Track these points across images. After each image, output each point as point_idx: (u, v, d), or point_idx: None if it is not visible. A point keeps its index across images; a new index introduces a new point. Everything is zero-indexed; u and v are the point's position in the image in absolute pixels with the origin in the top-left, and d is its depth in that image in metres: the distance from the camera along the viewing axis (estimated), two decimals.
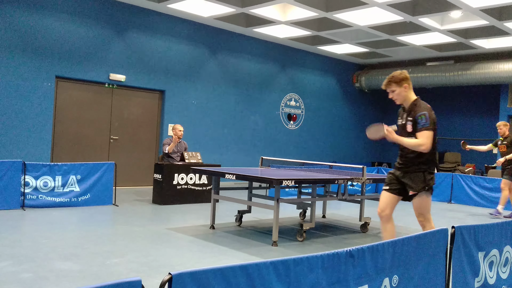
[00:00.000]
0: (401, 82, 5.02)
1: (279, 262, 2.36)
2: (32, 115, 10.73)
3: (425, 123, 4.86)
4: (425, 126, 4.85)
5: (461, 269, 3.58)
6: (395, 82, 5.03)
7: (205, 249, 6.02)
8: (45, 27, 10.85)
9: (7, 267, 4.75)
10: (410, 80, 5.09)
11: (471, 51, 15.59)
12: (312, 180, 6.90)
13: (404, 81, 5.03)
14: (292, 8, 12.33)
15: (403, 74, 5.05)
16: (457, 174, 12.95)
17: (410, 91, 5.10)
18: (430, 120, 4.87)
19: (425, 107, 4.98)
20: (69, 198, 8.74)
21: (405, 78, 5.04)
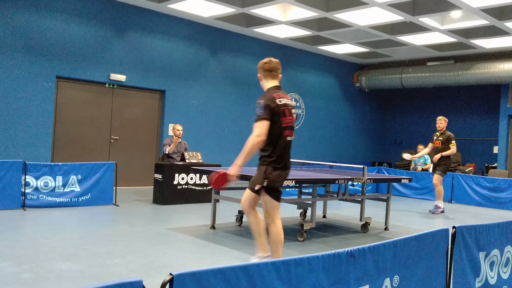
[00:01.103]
0: (258, 70, 5.03)
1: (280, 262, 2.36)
2: (32, 115, 10.73)
3: (258, 112, 4.68)
4: (258, 115, 4.67)
5: (462, 269, 3.58)
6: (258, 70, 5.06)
7: (206, 249, 6.02)
8: (45, 27, 10.85)
9: (8, 268, 4.75)
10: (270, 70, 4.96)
11: (472, 51, 15.58)
12: (313, 180, 6.90)
13: (259, 70, 5.01)
14: (292, 8, 12.32)
15: (260, 63, 4.99)
16: (458, 174, 12.95)
17: (265, 81, 5.00)
18: (265, 109, 4.65)
19: (266, 95, 4.82)
20: (69, 198, 8.74)
21: (259, 67, 4.99)
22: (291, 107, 4.90)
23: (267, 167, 4.77)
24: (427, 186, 13.08)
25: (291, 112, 4.86)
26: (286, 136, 4.79)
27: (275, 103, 4.71)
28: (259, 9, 11.97)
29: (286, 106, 4.81)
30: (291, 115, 4.86)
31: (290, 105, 4.91)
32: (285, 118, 4.77)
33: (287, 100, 4.90)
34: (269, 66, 4.93)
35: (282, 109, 4.76)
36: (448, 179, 12.75)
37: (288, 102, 4.89)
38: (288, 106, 4.84)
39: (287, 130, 4.80)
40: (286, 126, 4.78)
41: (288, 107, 4.84)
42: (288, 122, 4.80)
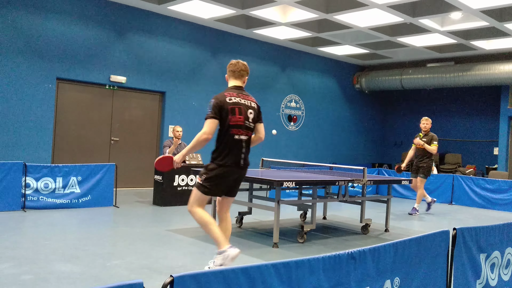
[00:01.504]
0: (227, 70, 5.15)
1: (281, 264, 2.36)
2: (33, 116, 10.73)
3: (207, 111, 4.82)
4: (207, 113, 4.82)
5: (463, 271, 3.57)
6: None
7: (206, 251, 6.02)
8: (46, 29, 10.86)
9: (8, 269, 4.75)
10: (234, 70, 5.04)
11: (472, 52, 15.59)
12: (313, 182, 6.90)
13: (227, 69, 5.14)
14: (292, 10, 12.33)
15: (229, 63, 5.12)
16: (458, 175, 12.94)
17: (228, 81, 5.13)
18: (213, 108, 4.76)
19: (218, 94, 4.90)
20: (69, 200, 8.74)
21: (227, 67, 5.13)
22: (244, 106, 4.86)
23: (210, 163, 4.91)
24: (427, 187, 13.04)
25: (242, 111, 4.82)
26: (234, 135, 4.79)
27: (224, 101, 4.78)
28: (259, 10, 11.98)
29: (237, 105, 4.81)
30: (242, 114, 4.82)
31: (244, 104, 4.87)
32: (233, 117, 4.77)
33: (243, 99, 4.90)
34: (233, 67, 5.02)
35: (231, 107, 4.78)
36: (448, 181, 12.75)
37: (241, 101, 4.87)
38: (239, 105, 4.83)
39: (235, 128, 4.79)
40: (234, 124, 4.78)
41: (240, 106, 4.83)
42: (237, 121, 4.79)
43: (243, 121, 4.83)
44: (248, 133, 4.91)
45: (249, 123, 4.89)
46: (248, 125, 4.89)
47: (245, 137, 4.88)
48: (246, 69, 5.08)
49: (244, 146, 4.88)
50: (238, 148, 4.85)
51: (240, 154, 4.86)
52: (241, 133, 4.83)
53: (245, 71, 5.06)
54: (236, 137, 4.81)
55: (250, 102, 4.93)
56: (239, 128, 4.82)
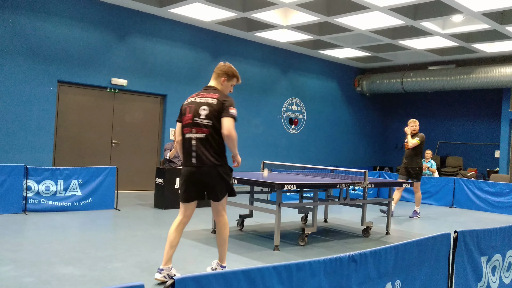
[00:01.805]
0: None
1: (282, 266, 2.36)
2: (34, 119, 10.75)
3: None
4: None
5: (464, 274, 3.57)
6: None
7: (207, 254, 6.02)
8: (47, 31, 10.88)
9: (9, 272, 4.75)
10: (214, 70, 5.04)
11: (473, 55, 15.60)
12: (314, 185, 6.90)
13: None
14: (293, 13, 12.35)
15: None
16: (459, 178, 12.93)
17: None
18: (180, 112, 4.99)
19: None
20: (71, 202, 8.75)
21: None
22: (197, 104, 4.76)
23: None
24: (428, 190, 13.07)
25: (192, 109, 4.76)
26: (185, 134, 4.79)
27: (183, 104, 4.93)
28: (260, 13, 11.99)
29: (189, 104, 4.83)
30: (191, 112, 4.75)
31: (197, 102, 4.77)
32: (184, 116, 4.81)
33: (200, 97, 4.81)
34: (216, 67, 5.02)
35: (185, 107, 4.84)
36: (449, 184, 12.75)
37: (196, 99, 4.81)
38: (191, 104, 4.81)
39: (185, 127, 4.79)
40: (185, 123, 4.80)
41: (191, 104, 4.80)
42: (186, 120, 4.78)
43: (191, 119, 4.74)
44: (200, 130, 4.70)
45: (200, 120, 4.70)
46: (199, 122, 4.70)
47: (196, 135, 4.71)
48: (225, 69, 4.95)
49: (194, 144, 4.72)
50: (188, 146, 4.76)
51: (190, 153, 4.75)
52: (189, 131, 4.75)
53: (222, 70, 4.95)
54: (186, 136, 4.78)
55: (206, 99, 4.75)
56: (187, 127, 4.77)
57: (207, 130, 4.68)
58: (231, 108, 4.69)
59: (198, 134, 4.70)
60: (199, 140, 4.70)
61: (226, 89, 4.96)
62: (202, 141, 4.69)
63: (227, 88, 4.97)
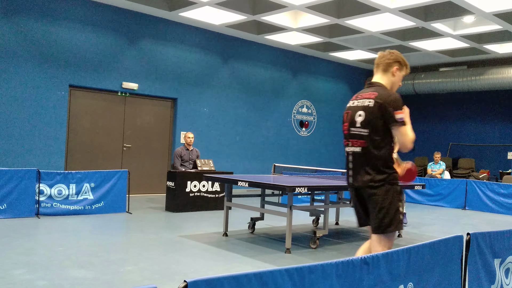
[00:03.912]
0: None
1: (294, 269, 2.35)
2: (46, 124, 10.83)
3: None
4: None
5: (477, 276, 3.54)
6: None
7: (218, 257, 6.02)
8: (58, 36, 10.96)
9: (23, 275, 4.78)
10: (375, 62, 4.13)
11: (484, 56, 15.50)
12: (325, 187, 6.88)
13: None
14: (304, 15, 12.35)
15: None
16: (471, 180, 12.85)
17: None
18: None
19: None
20: (83, 206, 8.79)
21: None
22: (353, 110, 3.88)
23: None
24: (440, 192, 12.99)
25: (348, 116, 3.91)
26: (345, 147, 3.97)
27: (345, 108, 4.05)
28: (270, 16, 12.01)
29: (346, 110, 3.97)
30: (347, 120, 3.92)
31: (354, 107, 3.89)
32: (343, 125, 4.00)
33: (358, 99, 3.91)
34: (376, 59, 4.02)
35: (344, 113, 4.01)
36: (461, 186, 12.66)
37: (354, 103, 3.92)
38: (348, 109, 3.94)
39: (344, 139, 3.98)
40: (344, 134, 3.97)
41: (348, 111, 3.94)
42: (343, 130, 3.99)
43: (347, 129, 3.90)
44: (356, 143, 3.82)
45: (356, 130, 3.81)
46: (355, 132, 3.82)
47: (352, 149, 3.85)
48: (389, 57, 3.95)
49: (351, 160, 3.87)
50: (347, 162, 3.93)
51: (348, 170, 3.93)
52: (346, 144, 3.93)
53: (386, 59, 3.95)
54: (346, 149, 3.93)
55: (363, 101, 3.83)
56: (344, 138, 3.97)
57: (362, 142, 3.78)
58: (397, 113, 3.66)
59: (355, 147, 3.82)
60: (354, 155, 3.84)
61: (398, 81, 3.98)
62: (356, 156, 3.83)
63: (399, 80, 3.98)
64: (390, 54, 3.95)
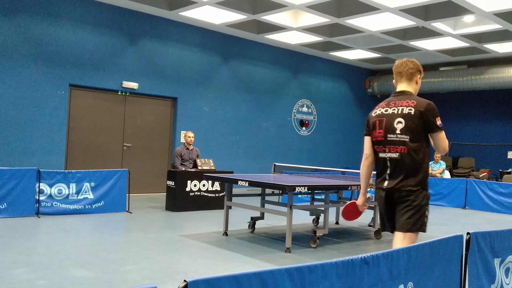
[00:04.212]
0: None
1: (294, 269, 2.35)
2: (46, 123, 10.83)
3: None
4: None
5: (477, 276, 3.55)
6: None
7: (218, 256, 6.02)
8: (58, 36, 10.96)
9: (23, 274, 4.79)
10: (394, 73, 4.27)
11: (484, 56, 15.50)
12: (325, 187, 6.88)
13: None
14: (304, 14, 12.34)
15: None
16: (472, 179, 12.84)
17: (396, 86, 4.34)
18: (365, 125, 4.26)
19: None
20: (83, 205, 8.80)
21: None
22: (389, 117, 4.01)
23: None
24: (440, 192, 12.99)
25: (385, 123, 4.01)
26: (378, 153, 4.09)
27: (370, 116, 4.18)
28: (270, 15, 12.00)
29: (379, 117, 4.07)
30: (382, 128, 4.02)
31: (389, 114, 4.01)
32: (374, 132, 4.10)
33: (392, 107, 4.03)
34: (394, 69, 4.20)
35: (373, 121, 4.12)
36: (461, 185, 12.66)
37: (387, 111, 4.04)
38: (382, 117, 4.05)
39: (378, 145, 4.08)
40: (375, 140, 4.10)
41: (381, 117, 4.05)
42: (376, 136, 4.08)
43: (382, 135, 4.02)
44: (395, 149, 3.97)
45: (395, 136, 3.95)
46: (394, 139, 3.96)
47: (390, 154, 4.00)
48: (409, 64, 4.13)
49: (389, 165, 4.00)
50: (383, 167, 4.06)
51: (383, 175, 4.06)
52: (381, 150, 4.05)
53: (409, 68, 4.12)
54: (380, 155, 4.08)
55: (401, 109, 3.98)
56: (378, 145, 4.07)
57: (403, 148, 3.94)
58: (437, 119, 3.98)
59: (393, 153, 3.98)
60: (392, 161, 3.99)
61: (419, 88, 4.23)
62: (394, 161, 3.98)
63: (419, 87, 4.23)
64: (412, 63, 4.12)
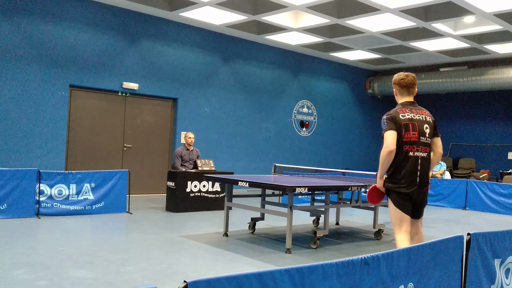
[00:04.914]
0: (394, 86, 4.98)
1: (294, 269, 2.35)
2: (46, 124, 10.83)
3: (382, 127, 4.76)
4: (383, 129, 4.73)
5: (477, 277, 3.54)
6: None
7: (219, 257, 6.02)
8: (58, 36, 10.97)
9: (23, 275, 4.79)
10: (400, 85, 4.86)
11: (485, 56, 15.49)
12: (326, 187, 6.88)
13: (394, 85, 4.98)
14: (304, 15, 12.35)
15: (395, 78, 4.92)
16: (472, 180, 12.83)
17: (399, 97, 4.94)
18: (388, 122, 4.70)
19: (390, 111, 4.86)
20: (83, 206, 8.80)
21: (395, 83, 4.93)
22: (419, 122, 4.67)
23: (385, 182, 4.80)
24: (441, 192, 12.98)
25: (417, 127, 4.65)
26: (408, 151, 4.62)
27: (397, 117, 4.70)
28: (270, 16, 12.01)
29: (411, 120, 4.67)
30: (416, 130, 4.64)
31: (419, 120, 4.68)
32: (407, 133, 4.63)
33: (417, 114, 4.72)
34: (403, 82, 4.82)
35: (405, 123, 4.65)
36: (462, 186, 12.65)
37: (415, 116, 4.69)
38: (413, 120, 4.66)
39: (409, 145, 4.62)
40: (407, 140, 4.62)
41: (414, 121, 4.66)
42: (410, 137, 4.62)
43: (417, 137, 4.63)
44: (425, 150, 4.67)
45: (425, 139, 4.67)
46: (425, 141, 4.67)
47: (421, 154, 4.65)
48: (415, 81, 4.86)
49: (420, 163, 4.62)
50: (413, 165, 4.60)
51: (416, 172, 4.61)
52: (414, 149, 4.62)
53: (415, 84, 4.85)
54: (410, 153, 4.61)
55: (425, 117, 4.74)
56: (412, 145, 4.62)
57: (429, 149, 4.73)
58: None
59: (423, 153, 4.66)
60: (422, 159, 4.65)
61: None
62: (424, 160, 4.66)
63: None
64: (415, 79, 4.88)
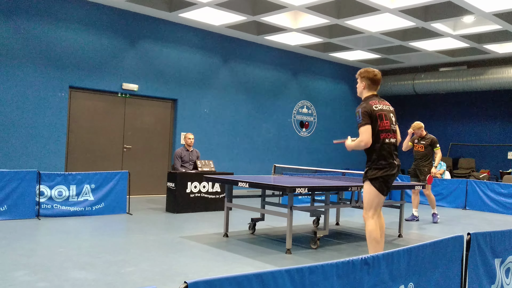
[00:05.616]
0: (362, 79, 5.41)
1: (294, 270, 2.36)
2: (46, 125, 10.83)
3: (358, 120, 5.18)
4: (359, 122, 5.16)
5: (477, 276, 3.55)
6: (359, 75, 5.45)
7: (219, 257, 6.02)
8: (58, 37, 10.97)
9: (23, 277, 4.79)
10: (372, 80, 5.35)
11: (484, 56, 15.50)
12: (326, 188, 6.88)
13: (362, 79, 5.41)
14: (303, 16, 12.35)
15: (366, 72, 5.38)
16: (472, 180, 12.84)
17: (367, 90, 5.40)
18: (363, 116, 5.14)
19: (361, 105, 5.29)
20: (83, 207, 8.80)
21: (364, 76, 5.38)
22: (387, 112, 5.29)
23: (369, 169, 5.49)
24: (440, 192, 12.99)
25: (387, 116, 5.26)
26: (385, 139, 5.23)
27: (372, 109, 5.19)
28: (270, 17, 12.01)
29: (382, 111, 5.25)
30: (388, 119, 5.26)
31: (386, 110, 5.30)
32: (381, 122, 5.20)
33: (385, 105, 5.33)
34: (375, 77, 5.35)
35: (379, 113, 5.21)
36: (462, 186, 12.66)
37: (384, 107, 5.30)
38: (383, 111, 5.25)
39: (385, 133, 5.24)
40: (383, 129, 5.22)
41: (384, 112, 5.25)
42: (385, 126, 5.23)
43: (389, 125, 5.27)
44: (393, 136, 5.32)
45: (393, 127, 5.35)
46: (393, 128, 5.34)
47: (393, 140, 5.31)
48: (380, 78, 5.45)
49: (393, 149, 5.30)
50: (390, 150, 5.26)
51: (393, 155, 5.29)
52: (388, 136, 5.25)
53: (380, 79, 5.42)
54: (387, 140, 5.23)
55: (388, 107, 5.38)
56: (386, 132, 5.24)
57: (395, 135, 5.39)
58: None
59: (393, 139, 5.33)
60: (394, 145, 5.35)
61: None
62: (394, 145, 5.36)
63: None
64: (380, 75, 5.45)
